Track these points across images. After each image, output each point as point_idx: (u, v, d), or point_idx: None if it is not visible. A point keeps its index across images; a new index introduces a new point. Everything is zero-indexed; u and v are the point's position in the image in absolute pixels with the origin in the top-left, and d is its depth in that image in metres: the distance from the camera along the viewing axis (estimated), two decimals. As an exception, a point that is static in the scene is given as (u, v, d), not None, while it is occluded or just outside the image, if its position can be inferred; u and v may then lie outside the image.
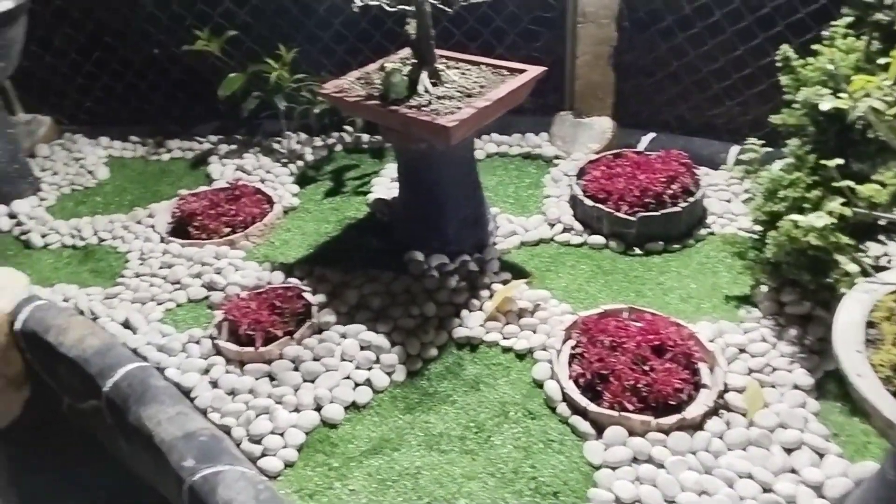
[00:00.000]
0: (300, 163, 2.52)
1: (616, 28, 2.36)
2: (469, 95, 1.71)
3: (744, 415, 1.45)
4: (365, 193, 2.33)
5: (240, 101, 2.46)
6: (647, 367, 1.48)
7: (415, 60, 1.78)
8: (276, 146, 2.60)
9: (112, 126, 2.78)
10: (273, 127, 2.66)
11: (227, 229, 2.15)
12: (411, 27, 1.72)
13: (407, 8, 1.69)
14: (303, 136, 2.63)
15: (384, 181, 2.36)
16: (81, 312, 1.88)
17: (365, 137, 2.61)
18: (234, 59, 2.55)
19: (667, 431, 1.41)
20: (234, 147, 2.64)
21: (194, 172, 2.56)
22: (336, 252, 2.06)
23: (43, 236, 2.21)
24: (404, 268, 1.92)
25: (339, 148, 2.61)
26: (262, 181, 2.41)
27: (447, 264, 1.90)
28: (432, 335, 1.70)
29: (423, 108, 1.67)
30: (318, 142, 2.62)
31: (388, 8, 1.68)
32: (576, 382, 1.51)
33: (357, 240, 2.11)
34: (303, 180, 2.44)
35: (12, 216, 2.29)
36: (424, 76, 1.73)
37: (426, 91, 1.72)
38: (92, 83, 2.75)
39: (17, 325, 1.82)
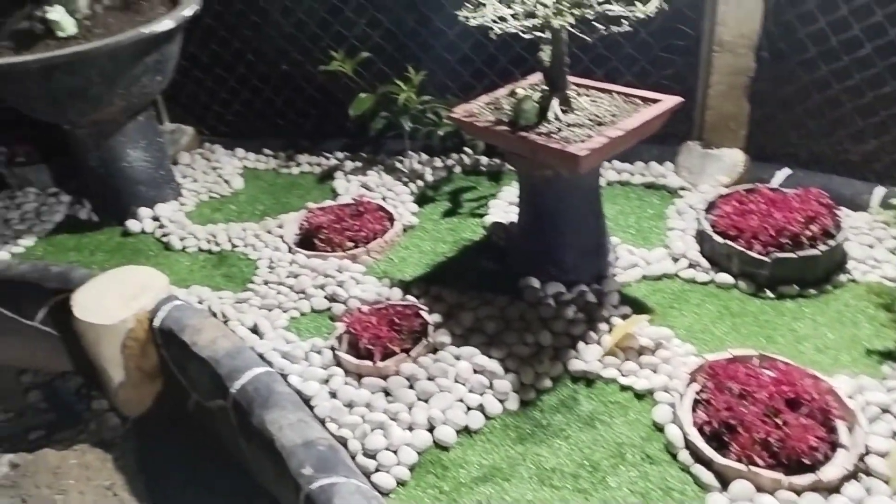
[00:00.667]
0: (420, 182, 2.58)
1: (754, 58, 2.26)
2: (600, 124, 1.69)
3: (887, 482, 1.33)
4: (481, 215, 2.35)
5: (368, 120, 2.54)
6: (779, 421, 1.39)
7: (546, 87, 1.77)
8: (398, 165, 2.67)
9: (248, 139, 2.94)
10: (397, 146, 2.73)
11: (350, 244, 2.22)
12: (545, 54, 1.72)
13: (542, 35, 1.69)
14: (424, 156, 2.69)
15: (501, 204, 2.37)
16: (214, 314, 2.00)
17: (484, 160, 2.63)
18: (365, 79, 2.65)
19: (799, 492, 1.32)
20: (359, 164, 2.73)
21: (321, 186, 2.67)
22: (452, 272, 2.08)
23: (181, 239, 2.37)
24: (519, 293, 1.91)
25: (458, 169, 2.64)
26: (384, 198, 2.48)
27: (564, 293, 1.88)
28: (547, 365, 1.68)
29: (553, 136, 1.66)
30: (438, 162, 2.66)
31: (523, 35, 1.69)
32: (700, 430, 1.44)
33: (472, 262, 2.12)
34: (422, 199, 2.49)
35: (155, 219, 2.47)
36: (555, 103, 1.72)
37: (556, 118, 1.71)
38: (233, 98, 2.93)
39: (156, 323, 1.95)
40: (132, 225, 2.44)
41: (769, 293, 1.86)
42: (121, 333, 1.92)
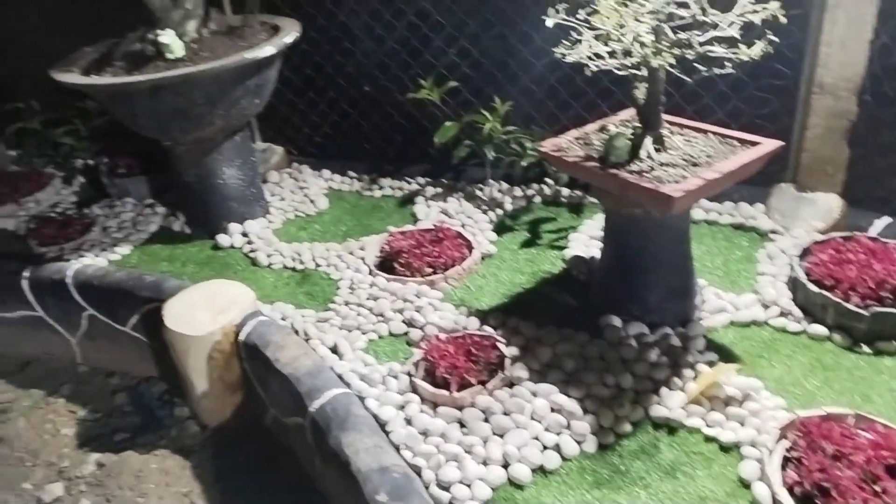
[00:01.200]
0: (499, 211, 2.58)
1: (856, 102, 2.17)
2: (695, 164, 1.65)
3: None
4: (561, 248, 2.33)
5: (451, 147, 2.57)
6: (878, 488, 1.31)
7: (638, 124, 1.75)
8: (478, 193, 2.68)
9: (334, 160, 3.02)
10: (477, 174, 2.75)
11: (429, 269, 2.23)
12: (640, 92, 1.70)
13: (637, 73, 1.67)
14: (504, 185, 2.70)
15: (582, 238, 2.34)
16: (296, 332, 2.05)
17: (565, 191, 2.61)
18: (451, 107, 2.68)
19: (899, 567, 1.23)
20: (439, 190, 2.76)
21: (402, 210, 2.71)
22: (529, 305, 2.07)
23: (268, 256, 2.44)
24: (599, 332, 1.88)
25: (537, 199, 2.63)
26: (463, 225, 2.49)
27: (647, 335, 1.83)
28: (627, 409, 1.63)
29: (645, 174, 1.63)
30: (518, 192, 2.66)
31: (617, 72, 1.68)
32: (790, 491, 1.37)
33: (551, 295, 2.10)
34: (501, 228, 2.49)
35: (244, 234, 2.56)
36: (648, 141, 1.70)
37: (649, 157, 1.68)
38: (322, 121, 3.03)
39: (242, 336, 2.01)
40: (222, 239, 2.53)
41: (866, 348, 1.76)
42: (208, 345, 1.99)
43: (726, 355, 1.77)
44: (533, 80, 2.63)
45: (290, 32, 2.30)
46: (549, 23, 1.62)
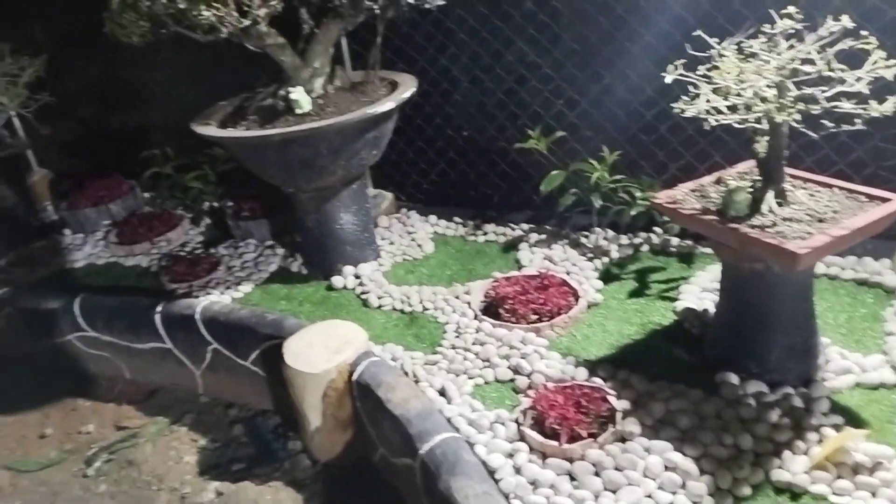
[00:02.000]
0: (605, 259, 2.57)
1: None
2: (820, 220, 1.61)
3: None
4: (671, 299, 2.29)
5: (556, 195, 2.60)
6: None
7: (758, 177, 1.73)
8: (583, 240, 2.69)
9: (440, 206, 3.12)
10: (581, 221, 2.76)
11: (534, 316, 2.25)
12: (761, 146, 1.68)
13: (758, 126, 1.66)
14: (610, 232, 2.69)
15: (694, 290, 2.30)
16: (406, 373, 2.11)
17: (674, 241, 2.58)
18: (556, 155, 2.73)
19: None
20: (543, 237, 2.79)
21: (505, 256, 2.75)
22: (639, 357, 2.04)
23: (379, 298, 2.53)
24: (715, 389, 1.83)
25: (645, 248, 2.60)
26: (568, 273, 2.50)
27: (766, 394, 1.77)
28: (747, 471, 1.58)
29: (767, 229, 1.60)
30: (624, 240, 2.65)
31: (737, 126, 1.67)
32: (934, 572, 1.28)
33: (662, 348, 2.07)
34: (607, 277, 2.48)
35: (357, 276, 2.67)
36: (770, 196, 1.67)
37: (771, 211, 1.65)
38: (430, 168, 3.14)
39: (355, 376, 2.09)
40: (336, 281, 2.65)
41: None
42: (323, 382, 2.09)
43: (853, 419, 1.68)
44: (641, 129, 2.63)
45: (409, 88, 2.43)
46: (668, 79, 1.64)
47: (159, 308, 2.58)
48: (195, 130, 2.40)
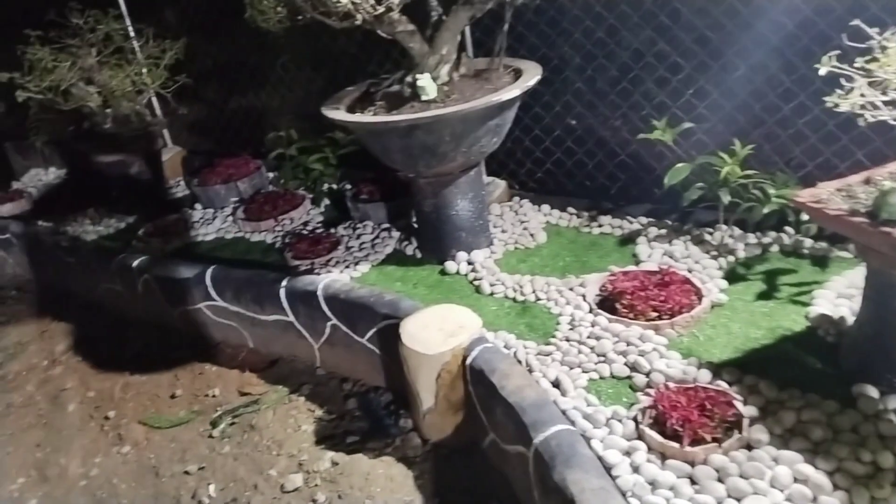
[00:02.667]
0: (731, 258, 2.46)
1: None
2: None
3: None
4: (803, 304, 2.17)
5: (680, 188, 2.51)
6: None
7: (916, 180, 1.60)
8: (707, 237, 2.59)
9: (554, 196, 3.09)
10: (706, 217, 2.66)
11: (654, 313, 2.19)
12: (923, 146, 1.55)
13: (919, 124, 1.53)
14: (737, 230, 2.57)
15: (829, 295, 2.16)
16: (519, 362, 2.12)
17: (808, 242, 2.43)
18: (682, 147, 2.63)
19: None
20: (663, 231, 2.70)
21: (621, 249, 2.69)
22: (768, 363, 1.95)
23: (491, 285, 2.55)
24: (852, 401, 1.73)
25: (774, 248, 2.47)
26: (690, 271, 2.42)
27: (910, 411, 1.65)
28: (887, 491, 1.48)
29: (926, 237, 1.48)
30: (752, 238, 2.53)
31: (892, 122, 1.55)
32: None
33: (793, 355, 1.97)
34: (732, 276, 2.38)
35: (470, 263, 2.70)
36: (930, 200, 1.54)
37: (930, 217, 1.53)
38: (546, 157, 3.11)
39: (469, 360, 2.12)
40: (450, 266, 2.69)
41: None
42: (438, 364, 2.13)
43: None
44: (777, 122, 2.50)
45: (533, 76, 2.41)
46: (822, 71, 1.54)
47: (284, 282, 2.71)
48: (325, 114, 2.49)
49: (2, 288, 4.07)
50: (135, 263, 3.21)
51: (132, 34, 3.93)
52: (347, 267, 2.80)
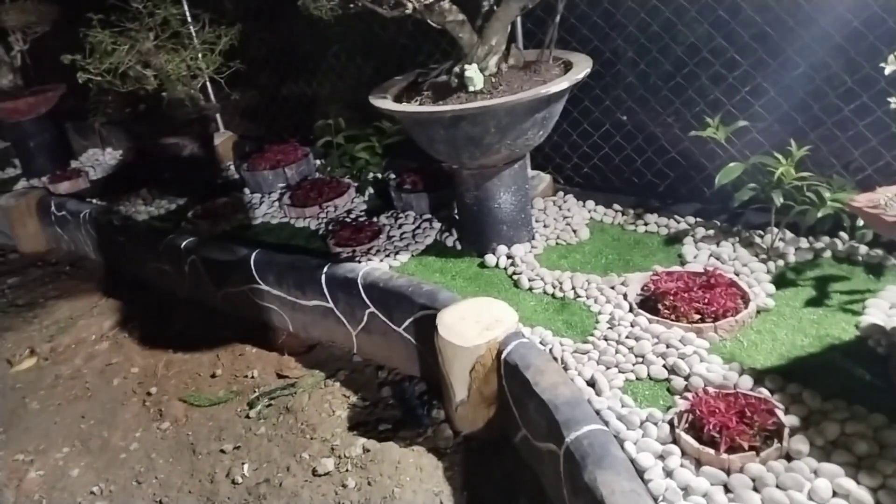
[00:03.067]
0: (780, 262, 2.38)
1: None
2: None
3: None
4: (855, 313, 2.08)
5: (731, 189, 2.44)
6: None
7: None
8: (756, 240, 2.51)
9: (599, 192, 3.04)
10: (756, 220, 2.58)
11: (697, 315, 2.14)
12: None
13: None
14: (788, 234, 2.48)
15: (882, 305, 2.07)
16: (555, 359, 2.09)
17: (862, 249, 2.34)
18: (735, 146, 2.55)
19: None
20: (710, 232, 2.63)
21: (666, 249, 2.63)
22: (813, 372, 1.88)
23: (530, 280, 2.52)
24: (902, 417, 1.65)
25: (827, 254, 2.38)
26: (738, 273, 2.35)
27: (965, 430, 1.57)
28: (936, 513, 1.41)
29: None
30: (804, 243, 2.44)
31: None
32: None
33: (840, 365, 1.89)
34: (781, 281, 2.30)
35: (510, 257, 2.67)
36: None
37: None
38: (594, 152, 3.06)
39: (504, 354, 2.11)
40: (489, 259, 2.67)
41: None
42: (473, 357, 2.12)
43: None
44: (836, 123, 2.40)
45: (583, 69, 2.37)
46: (888, 70, 1.47)
47: (325, 269, 2.74)
48: (372, 103, 2.49)
49: (56, 263, 4.23)
50: (183, 244, 3.28)
51: (189, 19, 4.01)
52: (388, 256, 2.81)
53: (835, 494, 1.50)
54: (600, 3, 2.77)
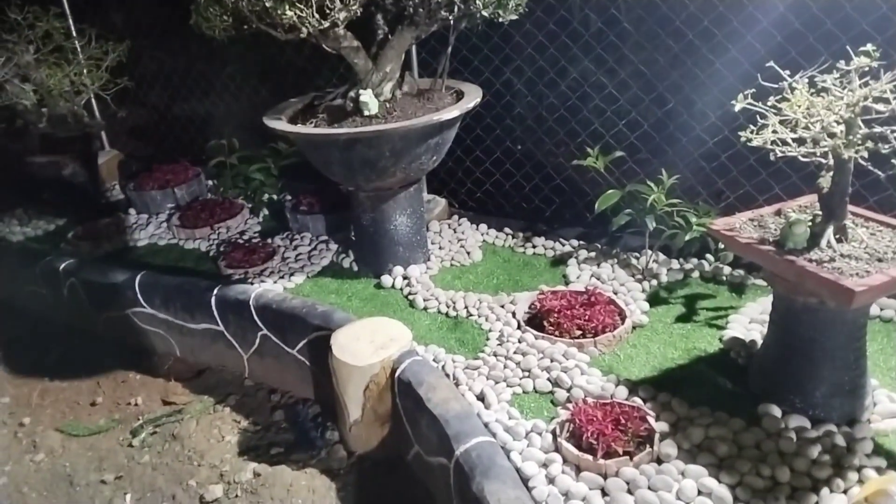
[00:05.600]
0: (654, 282, 2.57)
1: None
2: (880, 260, 1.59)
3: None
4: (719, 328, 2.28)
5: (610, 214, 2.61)
6: None
7: (820, 212, 1.72)
8: (633, 261, 2.69)
9: (491, 216, 3.16)
10: (633, 242, 2.77)
11: (578, 331, 2.26)
12: (825, 180, 1.67)
13: (823, 161, 1.65)
14: (661, 256, 2.69)
15: (742, 320, 2.28)
16: (447, 375, 2.15)
17: (726, 270, 2.56)
18: (613, 175, 2.74)
19: None
20: (592, 254, 2.80)
21: (552, 270, 2.77)
22: (682, 382, 2.04)
23: (425, 300, 2.58)
24: (756, 420, 1.82)
25: (696, 274, 2.59)
26: (616, 292, 2.51)
27: (808, 429, 1.75)
28: (783, 504, 1.57)
29: (824, 264, 1.60)
30: (675, 264, 2.64)
31: (802, 159, 1.66)
32: None
33: (705, 375, 2.06)
34: (655, 299, 2.48)
35: (405, 278, 2.72)
36: (830, 231, 1.66)
37: (829, 246, 1.64)
38: (486, 178, 3.18)
39: (397, 373, 2.14)
40: (385, 280, 2.71)
41: None
42: (367, 376, 2.14)
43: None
44: (703, 155, 2.64)
45: (474, 98, 2.48)
46: (737, 107, 1.65)
47: (215, 291, 2.68)
48: (267, 124, 2.49)
49: (-85, 287, 3.88)
50: (61, 266, 3.11)
51: (74, 34, 3.85)
52: (282, 277, 2.79)
53: (699, 493, 1.63)
54: (491, 38, 2.91)
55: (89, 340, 3.12)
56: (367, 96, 2.35)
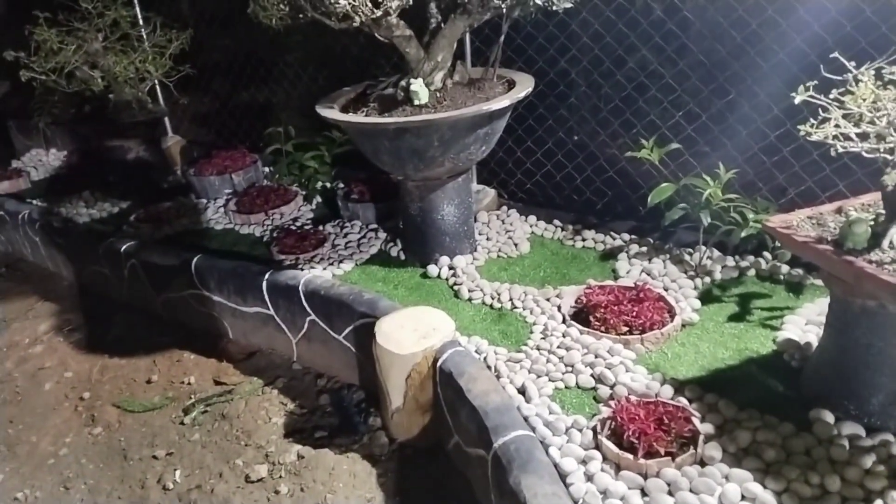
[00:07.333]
0: (707, 279, 2.49)
1: None
2: (947, 264, 1.50)
3: None
4: (773, 328, 2.19)
5: (663, 208, 2.54)
6: None
7: (882, 211, 1.63)
8: (686, 257, 2.62)
9: (541, 208, 3.12)
10: (687, 238, 2.69)
11: (625, 328, 2.22)
12: (890, 178, 1.58)
13: (889, 157, 1.56)
14: (716, 252, 2.60)
15: (799, 321, 2.19)
16: (489, 367, 2.14)
17: (784, 269, 2.46)
18: (668, 168, 2.66)
19: None
20: (643, 249, 2.73)
21: (601, 264, 2.72)
22: (731, 383, 1.97)
23: (470, 291, 2.58)
24: (808, 425, 1.75)
25: (751, 273, 2.50)
26: (666, 289, 2.44)
27: (862, 437, 1.68)
28: (833, 515, 1.50)
29: (886, 266, 1.51)
30: (730, 261, 2.56)
31: (866, 155, 1.58)
32: None
33: (756, 377, 1.99)
34: (706, 297, 2.40)
35: (451, 268, 2.72)
36: (893, 231, 1.57)
37: (891, 247, 1.56)
38: (536, 169, 3.15)
39: (439, 363, 2.15)
40: (431, 269, 2.72)
41: None
42: (409, 365, 2.15)
43: (963, 481, 1.56)
44: (763, 149, 2.53)
45: (525, 87, 2.45)
46: (797, 100, 1.57)
47: (267, 276, 2.74)
48: (319, 112, 2.52)
49: (-8, 264, 4.11)
50: (123, 248, 3.24)
51: (140, 22, 3.98)
52: (332, 264, 2.83)
53: (743, 498, 1.57)
54: (546, 26, 2.87)
55: (148, 320, 3.25)
56: (417, 85, 2.35)
